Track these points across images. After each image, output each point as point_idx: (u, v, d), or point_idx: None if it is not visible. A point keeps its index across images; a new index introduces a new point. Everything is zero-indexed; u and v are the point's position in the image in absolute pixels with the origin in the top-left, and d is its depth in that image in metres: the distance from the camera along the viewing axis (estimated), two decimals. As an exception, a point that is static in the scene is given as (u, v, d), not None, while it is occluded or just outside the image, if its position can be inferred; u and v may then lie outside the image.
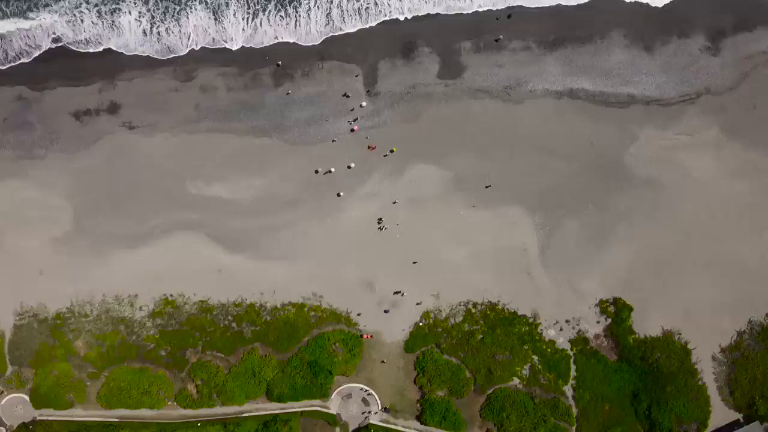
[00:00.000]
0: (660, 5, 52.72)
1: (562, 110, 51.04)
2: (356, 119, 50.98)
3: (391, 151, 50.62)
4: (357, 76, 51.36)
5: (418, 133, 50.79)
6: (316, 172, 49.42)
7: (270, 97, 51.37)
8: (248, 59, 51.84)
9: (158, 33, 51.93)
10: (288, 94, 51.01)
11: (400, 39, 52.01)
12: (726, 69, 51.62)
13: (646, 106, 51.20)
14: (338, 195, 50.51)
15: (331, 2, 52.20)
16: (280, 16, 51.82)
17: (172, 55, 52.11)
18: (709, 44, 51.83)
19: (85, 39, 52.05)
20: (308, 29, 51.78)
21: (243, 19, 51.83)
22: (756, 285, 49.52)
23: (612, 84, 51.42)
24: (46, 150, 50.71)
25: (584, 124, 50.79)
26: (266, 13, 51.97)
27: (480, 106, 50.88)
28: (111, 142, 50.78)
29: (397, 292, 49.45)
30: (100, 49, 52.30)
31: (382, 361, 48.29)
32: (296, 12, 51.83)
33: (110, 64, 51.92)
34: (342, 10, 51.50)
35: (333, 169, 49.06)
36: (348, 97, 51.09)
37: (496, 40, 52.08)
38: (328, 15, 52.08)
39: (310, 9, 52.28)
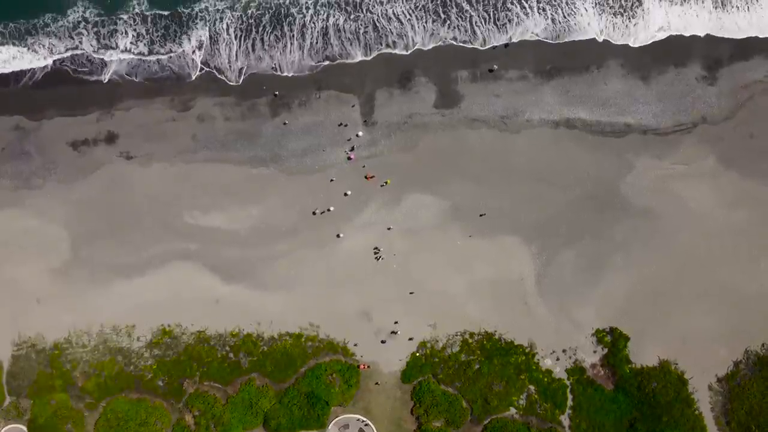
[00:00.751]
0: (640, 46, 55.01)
1: (558, 140, 52.81)
2: (353, 148, 52.69)
3: (385, 183, 51.74)
4: (354, 105, 53.38)
5: (415, 162, 52.61)
6: (314, 213, 50.69)
7: (267, 127, 53.23)
8: (245, 89, 53.51)
9: (158, 55, 53.84)
10: (285, 124, 52.89)
11: (397, 68, 54.22)
12: (723, 98, 53.54)
13: (643, 135, 53.03)
14: (338, 236, 53.35)
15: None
16: (276, 36, 52.53)
17: (170, 75, 53.47)
18: (706, 73, 53.71)
19: (84, 61, 53.70)
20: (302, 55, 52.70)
21: (240, 41, 53.69)
22: (752, 315, 51.47)
23: (609, 113, 53.20)
24: (43, 180, 52.58)
25: (581, 154, 52.62)
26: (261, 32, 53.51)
27: (477, 136, 52.68)
28: (108, 172, 52.66)
29: (394, 323, 50.67)
30: (102, 77, 53.38)
31: (376, 383, 49.61)
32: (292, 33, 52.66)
33: (107, 94, 53.96)
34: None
35: (331, 208, 50.68)
36: (345, 126, 52.67)
37: (491, 71, 53.37)
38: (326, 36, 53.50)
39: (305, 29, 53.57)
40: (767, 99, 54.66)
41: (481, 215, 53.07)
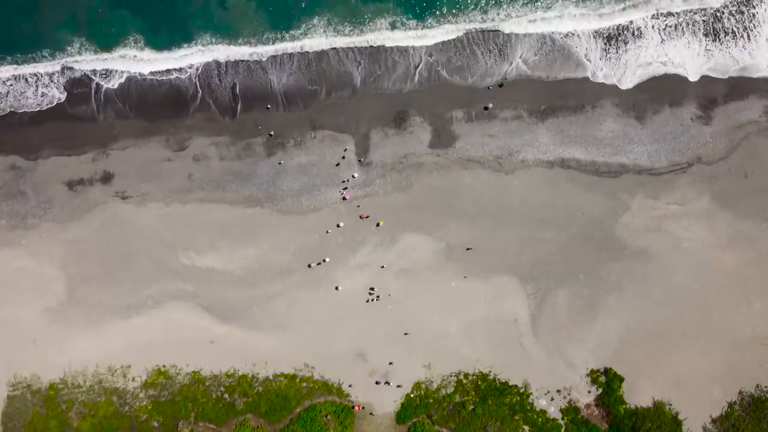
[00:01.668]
0: (630, 86, 57.92)
1: (553, 180, 55.04)
2: (347, 188, 54.76)
3: (378, 225, 53.76)
4: (349, 145, 55.56)
5: (409, 202, 54.92)
6: (309, 266, 52.89)
7: (262, 167, 55.52)
8: (241, 128, 55.64)
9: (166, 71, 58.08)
10: (280, 163, 55.06)
11: (392, 108, 56.59)
12: (717, 138, 55.69)
13: (638, 175, 55.15)
14: (336, 288, 55.95)
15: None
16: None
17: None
18: (701, 113, 55.85)
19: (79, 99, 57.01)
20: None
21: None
22: (746, 356, 53.68)
23: (603, 153, 55.32)
24: (39, 219, 54.95)
25: (576, 194, 54.78)
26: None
27: (471, 177, 54.86)
28: (104, 212, 55.14)
29: (389, 363, 52.75)
30: (99, 116, 56.67)
31: (370, 414, 51.29)
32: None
33: (103, 133, 56.38)
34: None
35: (327, 259, 52.66)
36: (340, 166, 54.70)
37: (486, 108, 55.48)
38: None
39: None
40: (762, 139, 56.41)
41: (468, 249, 55.52)
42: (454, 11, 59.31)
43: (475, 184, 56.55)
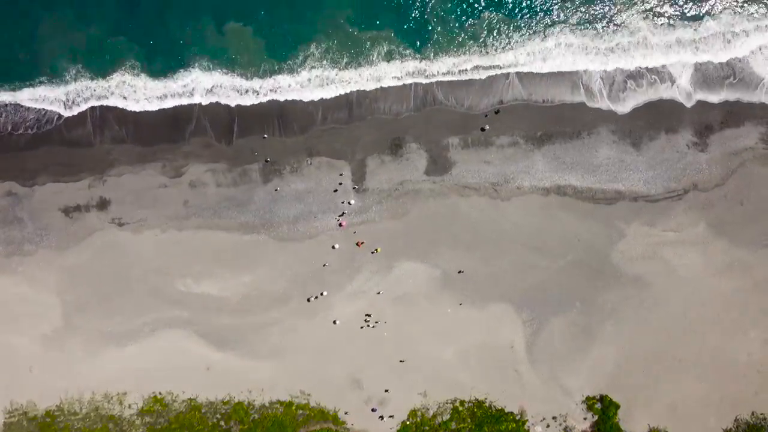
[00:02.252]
0: (626, 111, 59.52)
1: (549, 207, 56.39)
2: (343, 214, 56.08)
3: (375, 251, 54.96)
4: (345, 172, 56.78)
5: (405, 230, 56.25)
6: (308, 300, 53.89)
7: (259, 194, 56.97)
8: (237, 155, 56.94)
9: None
10: (276, 190, 56.06)
11: (389, 134, 57.96)
12: (713, 165, 57.09)
13: (634, 202, 56.51)
14: (334, 322, 57.31)
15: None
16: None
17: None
18: (697, 140, 57.16)
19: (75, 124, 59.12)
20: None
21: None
22: (742, 383, 55.21)
23: (599, 180, 56.59)
24: (36, 246, 56.21)
25: (571, 221, 56.16)
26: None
27: (467, 204, 56.23)
28: (101, 238, 56.47)
29: (384, 391, 53.97)
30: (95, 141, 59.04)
31: None
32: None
33: (99, 159, 57.81)
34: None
35: (325, 293, 53.93)
36: (336, 192, 55.92)
37: (482, 129, 56.68)
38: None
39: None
40: (758, 166, 57.96)
41: (459, 272, 57.24)
42: (451, 42, 60.21)
43: (471, 211, 57.94)
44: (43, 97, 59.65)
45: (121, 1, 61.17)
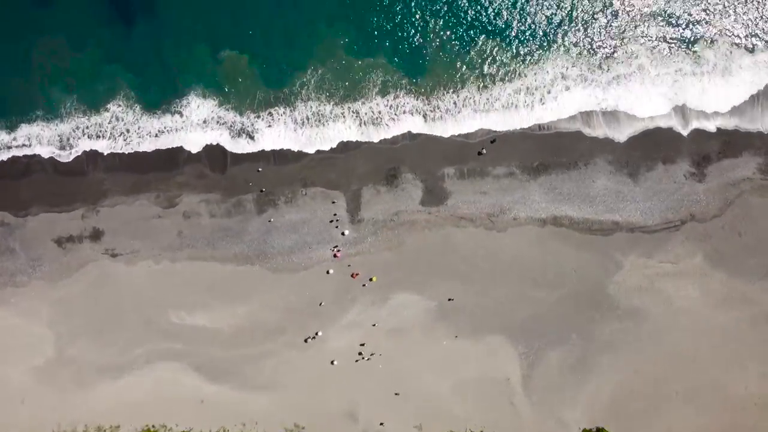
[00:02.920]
0: (623, 140, 60.95)
1: (545, 238, 57.36)
2: (337, 246, 56.89)
3: (371, 280, 55.72)
4: (340, 203, 57.75)
5: (401, 261, 57.39)
6: (306, 341, 55.29)
7: (253, 224, 58.17)
8: (231, 185, 57.79)
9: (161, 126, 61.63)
10: (270, 221, 56.96)
11: (384, 164, 58.81)
12: (711, 196, 58.11)
13: (631, 233, 57.48)
14: (332, 363, 58.49)
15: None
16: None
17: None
18: (694, 170, 58.20)
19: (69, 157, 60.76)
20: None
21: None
22: (740, 416, 56.67)
23: (596, 211, 57.64)
24: (28, 277, 57.33)
25: (568, 252, 57.10)
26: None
27: (463, 235, 57.28)
28: (94, 270, 57.69)
29: (380, 424, 54.76)
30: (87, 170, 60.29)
31: None
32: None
33: (92, 190, 58.81)
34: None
35: (320, 333, 54.82)
36: (331, 222, 56.79)
37: (480, 153, 57.46)
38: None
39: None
40: (756, 197, 59.07)
41: (449, 299, 58.35)
42: (448, 74, 61.39)
43: (467, 243, 58.93)
44: (38, 137, 60.60)
45: (116, 28, 61.84)
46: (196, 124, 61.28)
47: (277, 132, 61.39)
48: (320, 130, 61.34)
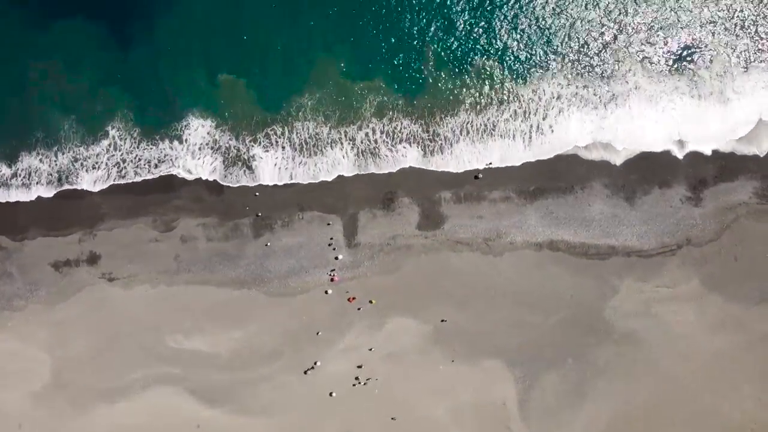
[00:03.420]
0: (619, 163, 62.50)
1: (542, 262, 58.30)
2: (333, 270, 58.01)
3: (370, 302, 56.63)
4: (337, 227, 58.98)
5: (397, 285, 58.60)
6: (305, 372, 57.08)
7: (250, 248, 59.15)
8: (228, 209, 58.72)
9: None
10: (267, 245, 57.90)
11: (381, 189, 60.13)
12: (707, 220, 59.20)
13: (627, 257, 58.52)
14: (331, 395, 59.14)
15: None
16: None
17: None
18: (690, 194, 59.27)
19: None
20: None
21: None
22: None
23: (593, 235, 58.65)
24: (26, 301, 58.42)
25: (564, 277, 58.24)
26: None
27: (459, 259, 58.30)
28: (91, 294, 58.71)
29: (375, 449, 55.89)
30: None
31: None
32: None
33: (90, 213, 60.33)
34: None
35: (318, 363, 55.66)
36: (328, 246, 57.72)
37: (476, 177, 58.34)
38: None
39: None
40: (752, 221, 60.17)
41: (442, 321, 59.61)
42: (445, 98, 62.55)
43: (464, 267, 59.95)
44: (37, 172, 61.97)
45: (113, 51, 63.04)
46: (193, 151, 62.31)
47: (274, 160, 62.43)
48: (317, 159, 62.45)
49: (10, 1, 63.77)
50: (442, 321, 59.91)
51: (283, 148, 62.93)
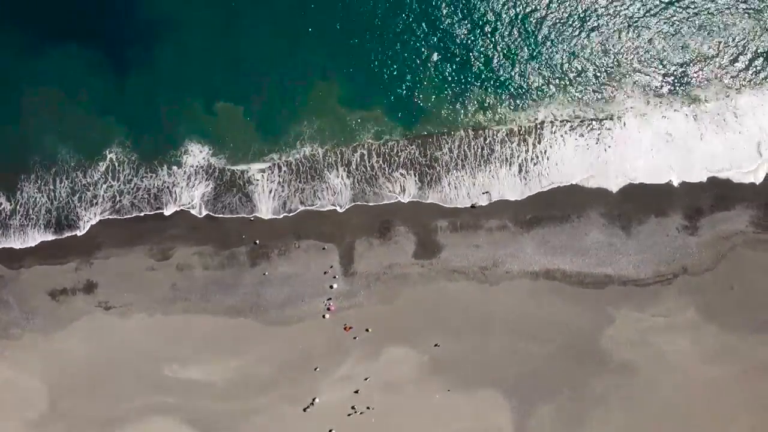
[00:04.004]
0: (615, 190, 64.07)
1: (538, 292, 59.61)
2: (330, 298, 59.13)
3: (367, 330, 57.54)
4: (333, 255, 60.11)
5: (394, 314, 60.06)
6: (305, 410, 58.96)
7: (246, 277, 60.44)
8: (225, 238, 59.66)
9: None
10: (265, 274, 58.62)
11: (377, 218, 61.49)
12: (703, 249, 60.38)
13: (623, 286, 59.70)
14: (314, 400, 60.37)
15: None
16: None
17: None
18: (687, 223, 60.41)
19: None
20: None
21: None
22: None
23: (589, 264, 59.76)
24: (22, 330, 59.78)
25: (561, 306, 59.76)
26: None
27: (456, 288, 59.56)
28: (87, 323, 60.28)
29: (372, 479, 56.83)
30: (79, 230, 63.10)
31: None
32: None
33: (86, 242, 62.33)
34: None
35: (317, 399, 56.91)
36: (325, 275, 58.59)
37: (473, 206, 59.43)
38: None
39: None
40: (748, 251, 61.41)
41: (435, 345, 60.87)
42: (442, 126, 64.15)
43: (460, 296, 61.18)
44: (35, 206, 63.28)
45: (110, 79, 64.02)
46: (189, 180, 63.48)
47: (270, 187, 63.47)
48: (315, 185, 63.49)
49: (7, 27, 64.82)
50: (436, 345, 61.15)
51: (281, 175, 64.00)
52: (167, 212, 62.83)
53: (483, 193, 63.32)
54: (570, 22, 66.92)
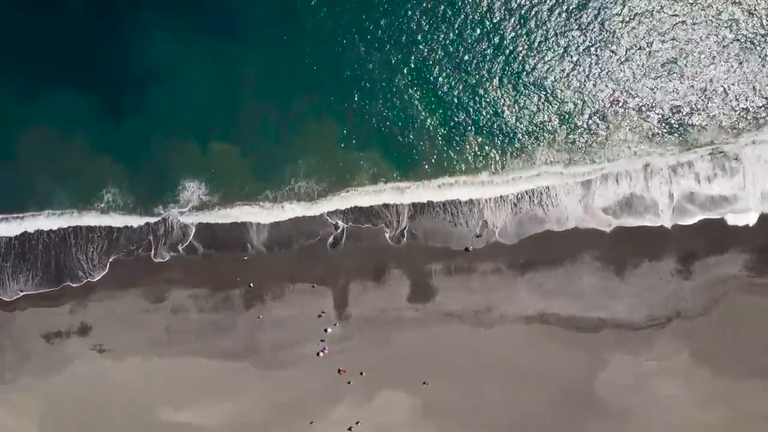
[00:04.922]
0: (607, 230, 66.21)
1: (532, 336, 61.35)
2: (324, 341, 60.39)
3: (361, 374, 58.87)
4: (327, 299, 61.65)
5: (388, 358, 61.80)
6: None
7: (241, 320, 62.78)
8: (219, 280, 61.70)
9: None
10: (259, 318, 59.91)
11: (372, 261, 62.01)
12: (697, 293, 62.37)
13: (617, 331, 61.71)
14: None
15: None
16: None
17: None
18: (681, 267, 62.07)
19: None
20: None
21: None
22: None
23: (583, 308, 61.56)
24: (16, 374, 60.87)
25: (555, 350, 61.78)
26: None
27: (450, 332, 61.43)
28: (82, 366, 62.40)
29: None
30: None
31: None
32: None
33: (81, 285, 60.67)
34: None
35: None
36: (319, 317, 60.47)
37: (466, 249, 60.83)
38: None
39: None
40: (742, 295, 63.25)
41: (424, 383, 62.37)
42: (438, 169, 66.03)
43: (454, 340, 63.03)
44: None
45: (104, 120, 65.45)
46: (183, 221, 65.05)
47: (267, 226, 65.16)
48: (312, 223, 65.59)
49: (5, 70, 66.34)
50: (424, 383, 62.60)
51: (277, 215, 65.53)
52: (163, 259, 64.79)
53: (476, 236, 64.88)
54: (566, 76, 68.92)
